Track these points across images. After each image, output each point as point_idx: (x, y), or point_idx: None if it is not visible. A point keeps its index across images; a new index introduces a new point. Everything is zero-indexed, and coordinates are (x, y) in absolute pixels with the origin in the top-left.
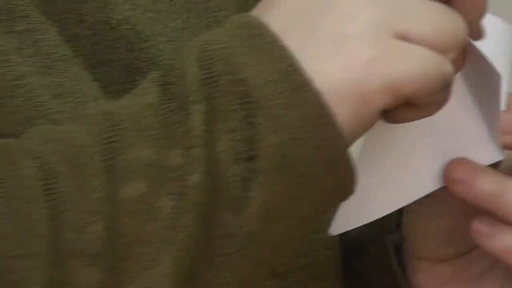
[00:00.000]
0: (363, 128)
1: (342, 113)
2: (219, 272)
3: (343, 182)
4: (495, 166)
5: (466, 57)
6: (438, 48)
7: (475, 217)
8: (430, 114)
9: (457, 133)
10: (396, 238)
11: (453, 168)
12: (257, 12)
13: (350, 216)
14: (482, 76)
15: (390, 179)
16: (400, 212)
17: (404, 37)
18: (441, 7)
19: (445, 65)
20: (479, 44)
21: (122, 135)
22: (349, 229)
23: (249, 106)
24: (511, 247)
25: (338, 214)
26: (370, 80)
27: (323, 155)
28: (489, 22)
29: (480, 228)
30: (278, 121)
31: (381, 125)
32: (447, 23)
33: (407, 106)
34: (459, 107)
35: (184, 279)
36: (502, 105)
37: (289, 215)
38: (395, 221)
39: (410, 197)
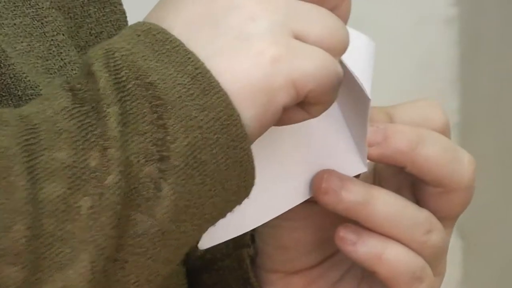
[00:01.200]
0: (267, 125)
1: (249, 112)
2: (130, 272)
3: (245, 183)
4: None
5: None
6: (329, 49)
7: (337, 226)
8: (317, 114)
9: (325, 146)
10: (251, 251)
11: (320, 179)
12: (156, 15)
13: (220, 229)
14: (352, 93)
15: (260, 191)
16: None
17: (301, 38)
18: (329, 13)
19: (338, 66)
20: (345, 58)
21: (39, 138)
22: (219, 242)
23: (159, 109)
24: (376, 254)
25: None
26: (276, 77)
27: (230, 155)
28: (352, 36)
29: (345, 235)
30: (189, 123)
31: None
32: (336, 27)
33: (298, 107)
34: (329, 121)
35: (98, 279)
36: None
37: (195, 216)
38: (249, 234)
39: (281, 209)
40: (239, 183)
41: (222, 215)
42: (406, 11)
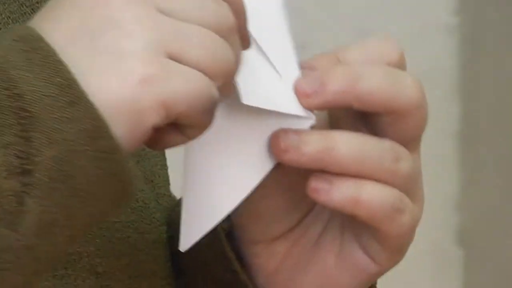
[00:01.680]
0: (139, 141)
1: (118, 127)
2: None
3: (122, 193)
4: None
5: (231, 88)
6: (208, 72)
7: (309, 178)
8: (194, 137)
9: (272, 115)
10: (224, 225)
11: (278, 139)
12: (39, 20)
13: (196, 224)
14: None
15: (225, 174)
16: None
17: (177, 58)
18: (216, 37)
19: (213, 89)
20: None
21: None
22: (199, 238)
23: (25, 121)
24: (352, 197)
25: (183, 227)
26: (144, 97)
27: (100, 167)
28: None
29: (317, 185)
30: (54, 135)
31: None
32: (218, 52)
33: (173, 129)
34: (268, 88)
35: None
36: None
37: (66, 228)
38: None
39: (249, 186)
40: (115, 193)
41: (101, 221)
42: (408, 20)
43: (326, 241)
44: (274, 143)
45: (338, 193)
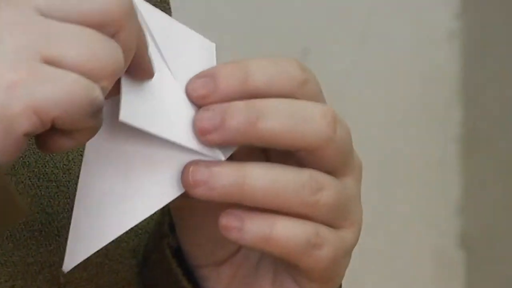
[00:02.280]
0: (13, 151)
1: None
2: None
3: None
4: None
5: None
6: (88, 74)
7: (219, 215)
8: (84, 141)
9: (178, 148)
10: (171, 242)
11: (187, 173)
12: None
13: (82, 245)
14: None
15: (119, 197)
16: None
17: (52, 62)
18: (99, 37)
19: (94, 91)
20: (184, 60)
21: None
22: (84, 258)
23: None
24: (263, 235)
25: (69, 246)
26: (12, 103)
27: None
28: (189, 38)
29: (228, 223)
30: None
31: (102, 143)
32: (101, 52)
33: (60, 133)
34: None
35: None
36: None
37: None
38: (168, 224)
39: (143, 214)
40: None
41: None
42: (410, 24)
43: (263, 267)
44: (184, 177)
45: (249, 231)
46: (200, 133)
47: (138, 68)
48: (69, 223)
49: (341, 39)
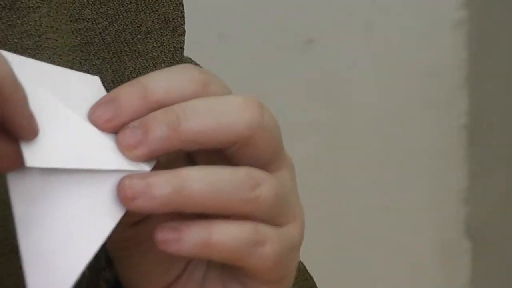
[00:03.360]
0: None
1: None
2: None
3: None
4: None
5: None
6: None
7: (154, 231)
8: None
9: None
10: (107, 275)
11: (123, 187)
12: None
13: None
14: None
15: (64, 241)
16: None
17: None
18: None
19: None
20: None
21: None
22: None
23: None
24: (203, 243)
25: None
26: None
27: None
28: (71, 76)
29: (165, 237)
30: None
31: (29, 195)
32: None
33: None
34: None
35: None
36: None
37: None
38: (104, 258)
39: (96, 243)
40: None
41: None
42: (415, 14)
43: (209, 283)
44: (120, 191)
45: (188, 240)
46: (126, 150)
47: (20, 128)
48: None
49: (345, 29)
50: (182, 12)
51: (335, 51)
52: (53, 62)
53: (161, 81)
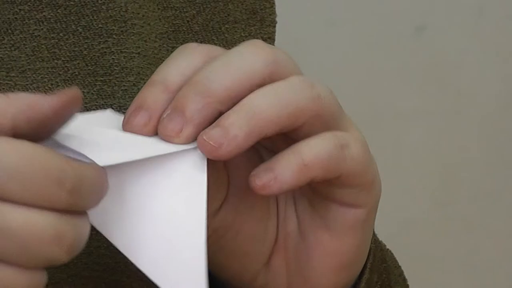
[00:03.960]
0: None
1: None
2: None
3: None
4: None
5: None
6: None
7: (248, 181)
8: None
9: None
10: None
11: (203, 143)
12: None
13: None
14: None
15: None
16: None
17: None
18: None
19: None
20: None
21: None
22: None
23: None
24: (297, 165)
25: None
26: None
27: None
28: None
29: (262, 181)
30: None
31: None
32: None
33: None
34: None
35: None
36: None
37: None
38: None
39: (201, 247)
40: None
41: None
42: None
43: (307, 225)
44: (204, 148)
45: (285, 173)
46: (172, 138)
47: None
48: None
49: (458, 15)
50: (271, 3)
51: (446, 38)
52: (138, 47)
53: (174, 70)
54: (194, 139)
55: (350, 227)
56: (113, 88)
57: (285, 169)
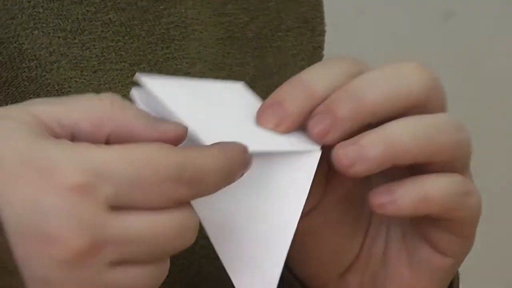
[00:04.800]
0: None
1: None
2: None
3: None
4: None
5: None
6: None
7: (369, 196)
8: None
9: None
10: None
11: (338, 158)
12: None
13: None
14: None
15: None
16: None
17: (121, 262)
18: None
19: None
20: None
21: None
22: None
23: None
24: (419, 196)
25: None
26: None
27: None
28: (218, 86)
29: (381, 200)
30: None
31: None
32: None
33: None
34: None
35: None
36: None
37: None
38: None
39: (294, 215)
40: None
41: None
42: None
43: (392, 255)
44: (338, 163)
45: (404, 199)
46: (318, 137)
47: None
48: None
49: (486, 1)
50: (321, 13)
51: (474, 25)
52: (199, 53)
53: (322, 78)
54: (335, 142)
55: (433, 272)
56: None
57: (406, 196)
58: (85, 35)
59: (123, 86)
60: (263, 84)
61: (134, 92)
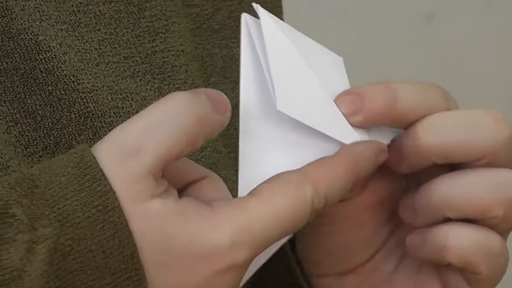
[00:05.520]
0: None
1: None
2: None
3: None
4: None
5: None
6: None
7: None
8: None
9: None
10: (293, 260)
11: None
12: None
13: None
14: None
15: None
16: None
17: None
18: None
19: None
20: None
21: None
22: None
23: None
24: (441, 245)
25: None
26: None
27: None
28: (320, 53)
29: (414, 243)
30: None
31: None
32: None
33: None
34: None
35: None
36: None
37: None
38: (288, 243)
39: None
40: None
41: None
42: None
43: (400, 279)
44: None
45: (426, 245)
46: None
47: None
48: None
49: (466, 3)
50: (280, 2)
51: (454, 26)
52: (181, 45)
53: (411, 98)
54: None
55: None
56: (169, 86)
57: (429, 242)
58: (82, 28)
59: (122, 79)
60: (232, 75)
61: (246, 17)
